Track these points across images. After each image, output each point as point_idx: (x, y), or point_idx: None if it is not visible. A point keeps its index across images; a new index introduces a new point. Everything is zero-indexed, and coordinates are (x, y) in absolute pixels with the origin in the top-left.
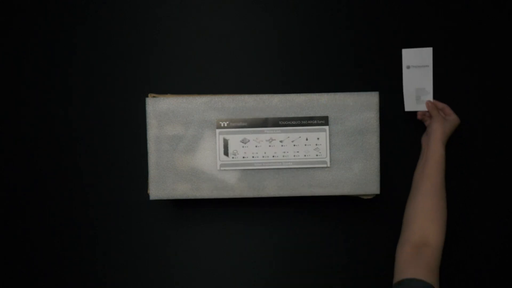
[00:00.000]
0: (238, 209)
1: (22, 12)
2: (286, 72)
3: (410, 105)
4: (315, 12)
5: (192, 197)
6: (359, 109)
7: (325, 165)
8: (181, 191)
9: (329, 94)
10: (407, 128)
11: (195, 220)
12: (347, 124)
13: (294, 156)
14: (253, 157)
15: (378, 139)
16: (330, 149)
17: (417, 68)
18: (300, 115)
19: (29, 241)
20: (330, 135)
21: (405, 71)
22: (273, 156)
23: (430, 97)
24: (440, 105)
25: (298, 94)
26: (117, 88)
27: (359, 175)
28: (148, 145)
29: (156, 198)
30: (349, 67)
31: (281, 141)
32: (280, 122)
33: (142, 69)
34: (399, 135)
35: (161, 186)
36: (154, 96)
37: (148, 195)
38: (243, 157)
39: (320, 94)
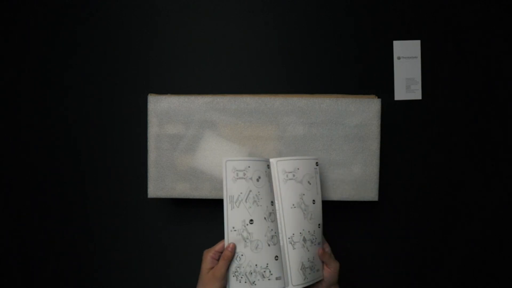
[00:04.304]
0: None
1: (22, 11)
2: (287, 70)
3: (400, 94)
4: (314, 11)
5: (191, 197)
6: (361, 115)
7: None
8: (180, 191)
9: (331, 98)
10: (406, 133)
11: (194, 219)
12: (348, 129)
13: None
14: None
15: (379, 145)
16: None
17: (407, 59)
18: (301, 119)
19: (27, 240)
20: (330, 139)
21: (396, 61)
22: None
23: (419, 86)
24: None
25: (300, 98)
26: (118, 88)
27: (358, 181)
28: (148, 143)
29: (155, 196)
30: (348, 59)
31: None
32: None
33: (143, 69)
34: (398, 140)
35: (160, 184)
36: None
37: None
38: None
39: (322, 98)
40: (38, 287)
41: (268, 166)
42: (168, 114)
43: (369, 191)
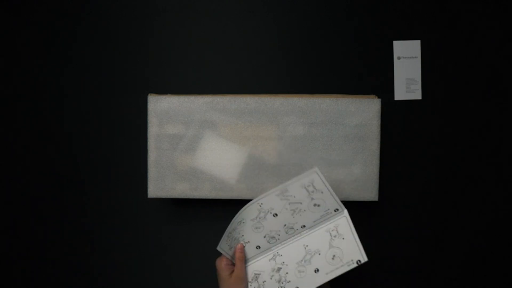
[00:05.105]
0: (237, 210)
1: (22, 11)
2: (287, 70)
3: (400, 94)
4: (314, 11)
5: (191, 197)
6: (361, 115)
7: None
8: (180, 191)
9: (331, 98)
10: (406, 133)
11: (194, 219)
12: (348, 129)
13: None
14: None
15: (379, 145)
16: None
17: (407, 59)
18: (301, 119)
19: (27, 240)
20: (330, 139)
21: (396, 61)
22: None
23: (418, 86)
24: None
25: (300, 98)
26: (118, 88)
27: (358, 181)
28: (148, 143)
29: (155, 196)
30: (348, 59)
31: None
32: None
33: (143, 69)
34: (398, 140)
35: (160, 184)
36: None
37: (147, 194)
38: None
39: (322, 98)
40: (38, 287)
41: (336, 210)
42: (168, 114)
43: (369, 191)
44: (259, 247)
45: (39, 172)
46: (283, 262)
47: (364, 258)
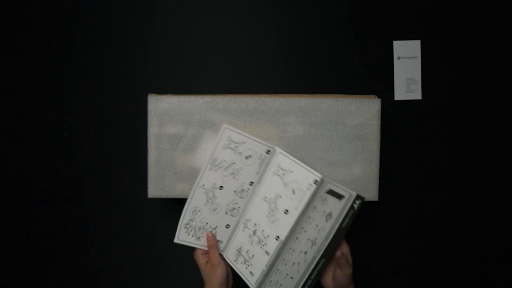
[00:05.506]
0: None
1: (22, 11)
2: (287, 69)
3: (400, 94)
4: (314, 11)
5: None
6: (361, 115)
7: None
8: (180, 191)
9: (331, 98)
10: (406, 133)
11: None
12: (348, 129)
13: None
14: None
15: (379, 145)
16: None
17: (407, 59)
18: (301, 119)
19: (27, 240)
20: (330, 139)
21: (396, 61)
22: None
23: (419, 86)
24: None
25: (300, 98)
26: (118, 88)
27: (358, 181)
28: (148, 143)
29: (155, 196)
30: (348, 59)
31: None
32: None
33: (143, 69)
34: (398, 140)
35: (160, 184)
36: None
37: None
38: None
39: (322, 98)
40: (38, 287)
41: (268, 152)
42: (168, 114)
43: (369, 191)
44: (228, 226)
45: (39, 172)
46: (255, 224)
47: (318, 175)
